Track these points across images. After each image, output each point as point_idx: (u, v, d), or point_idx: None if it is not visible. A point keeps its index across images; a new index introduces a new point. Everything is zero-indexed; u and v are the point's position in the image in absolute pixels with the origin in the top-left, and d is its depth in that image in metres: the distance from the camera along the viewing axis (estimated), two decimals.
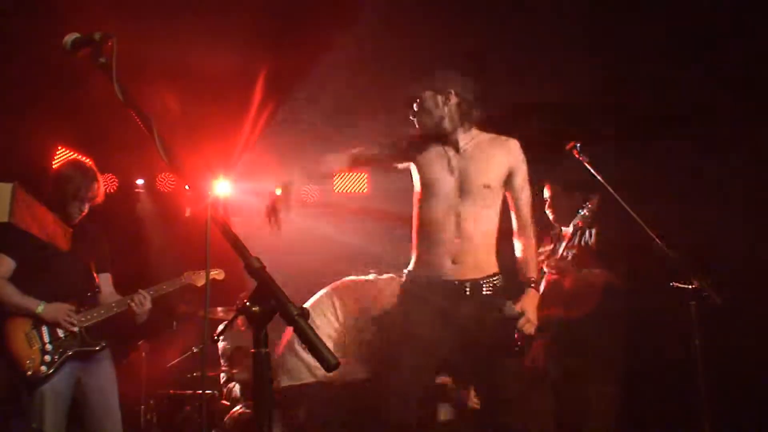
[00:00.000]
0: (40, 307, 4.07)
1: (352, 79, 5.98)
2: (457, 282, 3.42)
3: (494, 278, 3.49)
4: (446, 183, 3.49)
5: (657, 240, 3.75)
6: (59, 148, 6.78)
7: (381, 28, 5.44)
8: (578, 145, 4.17)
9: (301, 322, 1.74)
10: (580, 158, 4.15)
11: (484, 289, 3.44)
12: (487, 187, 3.47)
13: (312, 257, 7.27)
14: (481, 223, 3.47)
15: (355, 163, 3.83)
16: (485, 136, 3.60)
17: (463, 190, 3.46)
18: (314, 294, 4.77)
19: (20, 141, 5.93)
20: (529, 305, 3.47)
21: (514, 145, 3.60)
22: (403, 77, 5.36)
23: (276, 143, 6.98)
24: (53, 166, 6.69)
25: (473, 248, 3.44)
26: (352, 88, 6.10)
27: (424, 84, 3.58)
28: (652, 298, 4.90)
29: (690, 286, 3.59)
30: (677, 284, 3.65)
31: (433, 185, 3.51)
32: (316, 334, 1.74)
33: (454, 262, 3.42)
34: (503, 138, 3.62)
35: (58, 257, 4.19)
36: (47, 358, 4.06)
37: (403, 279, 3.63)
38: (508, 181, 3.57)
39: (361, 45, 5.59)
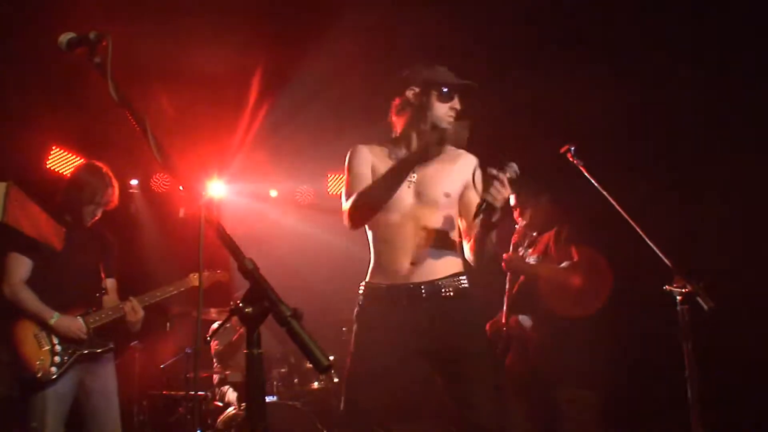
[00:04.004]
0: (53, 319, 4.08)
1: (347, 79, 5.98)
2: (412, 285, 3.27)
3: (455, 279, 3.33)
4: (401, 193, 3.30)
5: (651, 244, 3.75)
6: (53, 147, 6.77)
7: (377, 27, 5.44)
8: (572, 148, 4.14)
9: (293, 323, 1.74)
10: (575, 161, 4.13)
11: (443, 290, 3.28)
12: (447, 195, 3.36)
13: (305, 258, 7.28)
14: (441, 225, 3.35)
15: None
16: (447, 149, 3.42)
17: (421, 196, 3.33)
18: (308, 293, 4.76)
19: (14, 140, 5.92)
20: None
21: (473, 160, 3.49)
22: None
23: (270, 144, 6.98)
24: (46, 166, 6.70)
25: (433, 250, 3.30)
26: (347, 88, 6.10)
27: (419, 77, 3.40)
28: (643, 302, 4.92)
29: (683, 290, 3.59)
30: (670, 288, 3.64)
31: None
32: (309, 336, 1.74)
33: (412, 263, 3.27)
34: (464, 152, 3.49)
35: (68, 257, 4.14)
36: (57, 359, 4.07)
37: (361, 293, 3.43)
38: (462, 195, 3.45)
39: (357, 45, 5.59)
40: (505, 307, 5.03)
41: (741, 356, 5.03)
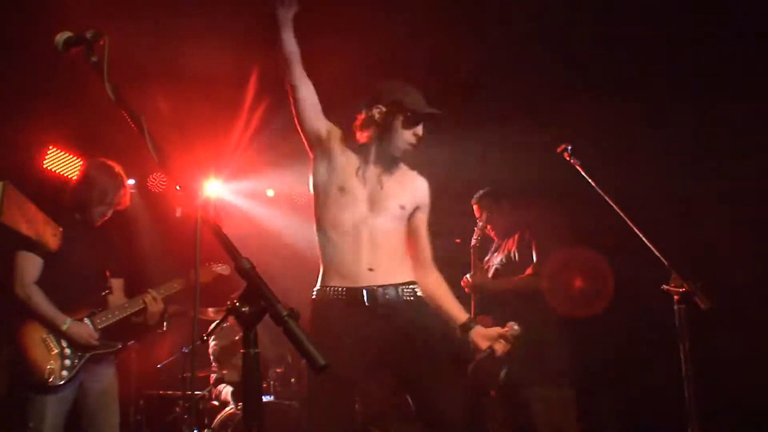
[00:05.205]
0: (65, 325, 3.99)
1: (345, 79, 5.97)
2: (373, 287, 3.25)
3: (412, 286, 3.36)
4: (358, 194, 3.35)
5: (649, 244, 3.75)
6: (50, 147, 6.75)
7: (375, 27, 5.44)
8: (569, 147, 4.13)
9: (290, 322, 1.74)
10: (572, 161, 4.12)
11: (403, 294, 3.30)
12: (402, 207, 3.39)
13: (302, 258, 7.27)
14: (392, 236, 3.36)
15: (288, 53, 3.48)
16: (402, 166, 3.51)
17: (374, 206, 3.34)
18: (305, 293, 4.74)
19: (11, 140, 5.90)
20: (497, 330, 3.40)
21: (425, 184, 3.55)
22: (399, 77, 5.38)
23: (268, 144, 6.97)
24: (43, 166, 6.68)
25: (387, 258, 3.31)
26: (345, 88, 6.09)
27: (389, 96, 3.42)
28: (639, 302, 4.93)
29: (680, 290, 3.59)
30: (667, 287, 3.64)
31: (348, 193, 3.35)
32: (306, 335, 1.74)
33: (370, 269, 3.27)
34: (416, 173, 3.54)
35: (75, 257, 4.09)
36: (67, 362, 4.00)
37: (314, 298, 3.39)
38: (413, 215, 3.48)
39: (356, 44, 5.58)
40: (472, 310, 5.06)
41: (738, 356, 5.04)
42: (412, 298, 3.32)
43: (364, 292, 3.26)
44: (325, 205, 3.43)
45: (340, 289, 3.29)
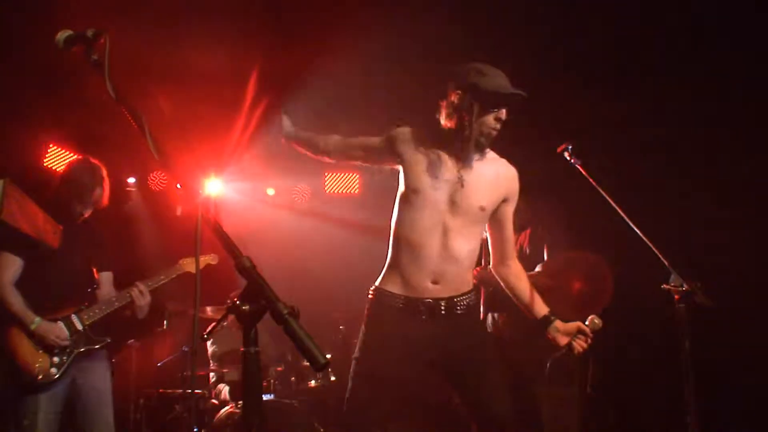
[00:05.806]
0: (34, 325, 3.99)
1: (346, 79, 5.97)
2: (432, 300, 3.20)
3: (468, 296, 3.29)
4: (437, 194, 3.18)
5: (650, 244, 3.74)
6: (51, 145, 6.76)
7: (376, 26, 5.43)
8: (570, 146, 4.11)
9: (290, 321, 1.74)
10: (572, 160, 4.10)
11: (458, 308, 3.23)
12: (482, 209, 3.23)
13: (302, 257, 7.28)
14: (468, 240, 3.23)
15: (323, 152, 3.54)
16: (489, 154, 3.33)
17: (454, 204, 3.19)
18: (305, 291, 4.73)
19: (11, 139, 5.91)
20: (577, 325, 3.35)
21: (513, 173, 3.38)
22: (399, 78, 5.38)
23: (268, 143, 6.97)
24: (44, 164, 6.69)
25: (454, 266, 3.20)
26: (346, 88, 6.10)
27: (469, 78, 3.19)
28: (640, 301, 4.93)
29: (681, 289, 3.59)
30: (668, 287, 3.64)
31: (422, 194, 3.19)
32: (306, 334, 1.74)
33: (434, 282, 3.20)
34: (505, 162, 3.38)
35: (59, 254, 4.01)
36: (56, 360, 4.01)
37: (370, 297, 3.32)
38: (499, 208, 3.36)
39: (356, 44, 5.58)
40: (482, 306, 5.04)
41: (738, 356, 5.04)
42: (463, 310, 3.27)
43: (424, 306, 3.21)
44: (402, 209, 3.28)
45: (399, 296, 3.23)
